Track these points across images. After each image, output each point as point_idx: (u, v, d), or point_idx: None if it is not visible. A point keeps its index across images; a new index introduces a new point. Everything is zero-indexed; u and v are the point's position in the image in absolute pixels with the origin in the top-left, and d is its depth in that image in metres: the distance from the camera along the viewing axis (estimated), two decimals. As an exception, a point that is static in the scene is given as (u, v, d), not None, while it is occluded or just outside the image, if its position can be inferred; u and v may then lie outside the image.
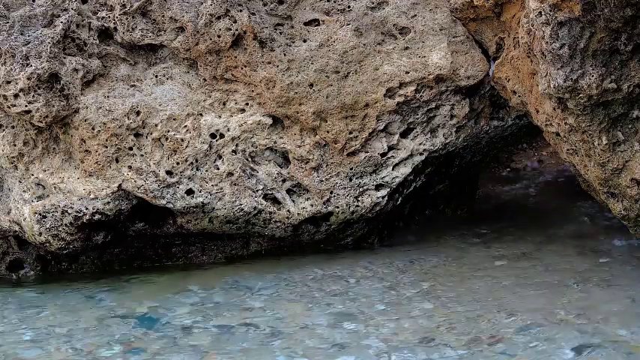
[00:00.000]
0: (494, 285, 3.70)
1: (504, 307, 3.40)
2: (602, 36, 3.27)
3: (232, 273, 4.02)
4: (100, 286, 3.95)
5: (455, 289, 3.66)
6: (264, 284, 3.85)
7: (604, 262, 3.94)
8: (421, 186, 4.37)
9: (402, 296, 3.62)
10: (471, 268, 3.96)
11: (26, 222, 3.95)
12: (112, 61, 4.02)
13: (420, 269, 3.99)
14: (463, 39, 4.08)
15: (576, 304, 3.41)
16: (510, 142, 4.95)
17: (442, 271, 3.95)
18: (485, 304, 3.45)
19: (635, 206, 3.67)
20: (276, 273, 3.99)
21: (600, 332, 3.11)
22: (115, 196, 3.95)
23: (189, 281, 3.93)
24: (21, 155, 3.99)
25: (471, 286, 3.69)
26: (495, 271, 3.92)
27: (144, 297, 3.73)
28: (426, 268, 4.00)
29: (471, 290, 3.64)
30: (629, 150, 3.54)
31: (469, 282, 3.75)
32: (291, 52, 4.00)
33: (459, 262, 4.07)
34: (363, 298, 3.62)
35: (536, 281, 3.72)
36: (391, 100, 4.06)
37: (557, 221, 4.71)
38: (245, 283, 3.88)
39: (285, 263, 4.14)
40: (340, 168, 4.08)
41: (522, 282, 3.72)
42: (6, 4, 3.95)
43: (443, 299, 3.55)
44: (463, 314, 3.36)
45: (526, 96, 3.84)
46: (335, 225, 4.18)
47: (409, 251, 4.30)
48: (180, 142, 3.97)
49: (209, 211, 4.03)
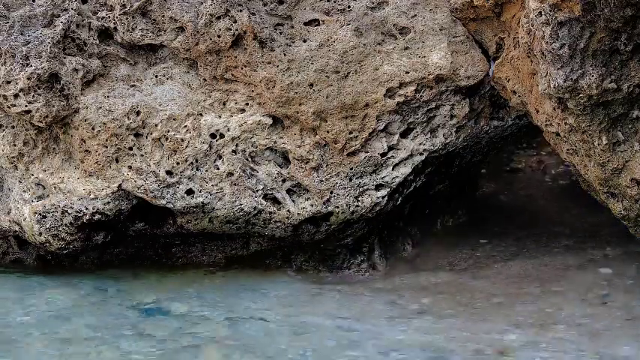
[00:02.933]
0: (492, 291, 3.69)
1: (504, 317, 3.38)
2: (602, 36, 3.27)
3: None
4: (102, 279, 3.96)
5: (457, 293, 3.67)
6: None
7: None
8: (421, 186, 4.36)
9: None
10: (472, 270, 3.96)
11: (26, 222, 3.95)
12: (112, 61, 4.02)
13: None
14: (463, 39, 4.08)
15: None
16: (510, 142, 4.94)
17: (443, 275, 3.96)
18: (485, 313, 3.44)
19: (635, 206, 3.67)
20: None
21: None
22: (115, 196, 3.95)
23: (189, 278, 3.94)
24: (21, 155, 3.99)
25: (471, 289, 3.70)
26: (494, 275, 3.92)
27: (147, 290, 3.75)
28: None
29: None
30: (629, 150, 3.54)
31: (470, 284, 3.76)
32: (291, 52, 4.00)
33: (462, 264, 4.07)
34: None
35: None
36: (391, 100, 4.05)
37: (558, 224, 4.71)
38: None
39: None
40: (340, 168, 4.08)
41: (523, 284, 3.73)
42: (6, 4, 3.96)
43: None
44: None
45: (526, 96, 3.83)
46: (335, 225, 4.18)
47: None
48: (180, 142, 3.97)
49: (209, 211, 4.03)
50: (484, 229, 4.63)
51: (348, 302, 3.69)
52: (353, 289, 3.90)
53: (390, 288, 3.81)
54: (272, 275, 4.11)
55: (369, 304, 3.64)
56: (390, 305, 3.62)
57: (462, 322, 3.35)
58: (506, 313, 3.40)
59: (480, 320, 3.34)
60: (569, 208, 4.94)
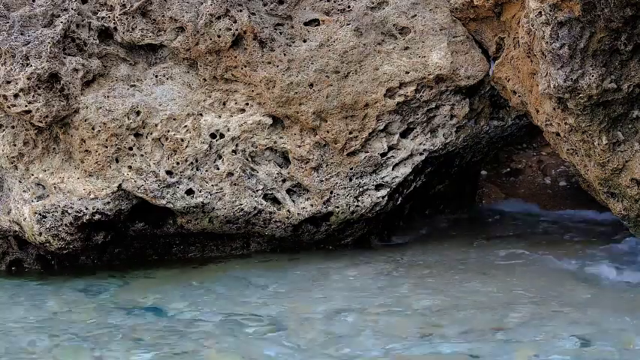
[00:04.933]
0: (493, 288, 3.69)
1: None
2: (602, 36, 3.27)
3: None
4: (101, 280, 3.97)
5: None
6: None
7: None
8: (421, 186, 4.36)
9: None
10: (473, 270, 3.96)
11: (26, 222, 3.95)
12: (112, 61, 4.02)
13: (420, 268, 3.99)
14: (463, 39, 4.08)
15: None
16: (510, 142, 4.94)
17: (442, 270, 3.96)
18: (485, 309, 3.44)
19: (635, 206, 3.67)
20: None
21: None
22: (115, 196, 3.95)
23: (189, 277, 3.95)
24: (21, 155, 3.99)
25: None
26: (494, 274, 3.91)
27: (147, 290, 3.74)
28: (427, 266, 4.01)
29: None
30: (629, 150, 3.54)
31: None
32: (291, 52, 4.00)
33: (459, 262, 4.07)
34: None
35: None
36: (391, 100, 4.05)
37: (557, 223, 4.71)
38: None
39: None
40: (340, 168, 4.08)
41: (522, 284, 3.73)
42: (6, 4, 3.95)
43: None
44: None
45: (526, 96, 3.83)
46: (335, 225, 4.18)
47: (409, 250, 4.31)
48: (180, 142, 3.97)
49: (209, 211, 4.03)
50: (483, 231, 4.63)
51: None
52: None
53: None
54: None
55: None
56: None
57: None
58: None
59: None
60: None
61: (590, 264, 3.93)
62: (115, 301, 3.68)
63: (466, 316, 3.30)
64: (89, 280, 4.03)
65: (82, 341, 3.20)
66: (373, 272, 3.93)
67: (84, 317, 3.46)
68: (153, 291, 3.76)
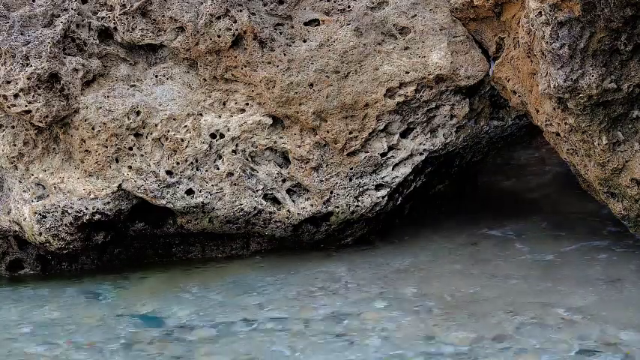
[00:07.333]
0: (496, 284, 3.69)
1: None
2: (602, 36, 3.28)
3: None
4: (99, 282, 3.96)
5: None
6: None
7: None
8: (421, 186, 4.36)
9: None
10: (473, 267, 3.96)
11: (26, 222, 3.95)
12: (112, 61, 4.02)
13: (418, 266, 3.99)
14: (463, 39, 4.08)
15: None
16: (510, 143, 4.94)
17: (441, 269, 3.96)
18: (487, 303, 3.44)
19: (635, 206, 3.67)
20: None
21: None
22: (115, 196, 3.95)
23: (189, 279, 3.94)
24: (21, 155, 3.99)
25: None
26: (495, 270, 3.92)
27: (146, 294, 3.74)
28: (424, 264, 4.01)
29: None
30: (629, 150, 3.54)
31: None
32: (291, 52, 4.00)
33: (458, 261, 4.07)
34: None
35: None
36: (391, 100, 4.05)
37: (558, 219, 4.69)
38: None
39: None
40: (340, 168, 4.08)
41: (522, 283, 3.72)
42: (6, 4, 3.95)
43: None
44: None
45: (526, 96, 3.84)
46: (335, 225, 4.18)
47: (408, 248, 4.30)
48: (180, 142, 3.97)
49: (209, 211, 4.03)
50: (485, 227, 4.61)
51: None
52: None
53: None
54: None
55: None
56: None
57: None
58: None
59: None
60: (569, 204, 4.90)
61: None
62: (115, 303, 3.68)
63: (469, 318, 3.30)
64: (89, 281, 4.03)
65: (80, 346, 3.20)
66: (373, 273, 3.94)
67: (83, 321, 3.46)
68: (152, 295, 3.76)
